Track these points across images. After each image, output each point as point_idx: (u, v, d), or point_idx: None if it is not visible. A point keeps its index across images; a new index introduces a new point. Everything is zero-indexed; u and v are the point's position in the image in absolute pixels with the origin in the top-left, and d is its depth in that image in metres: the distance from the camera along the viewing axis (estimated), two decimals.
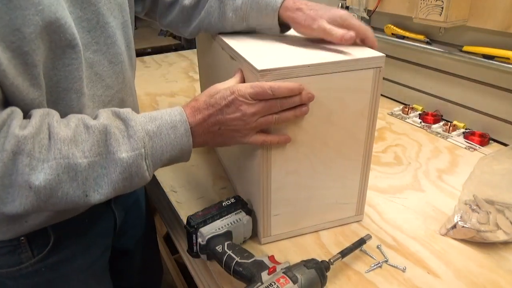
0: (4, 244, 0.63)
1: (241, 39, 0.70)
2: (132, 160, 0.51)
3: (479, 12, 0.95)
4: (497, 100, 1.00)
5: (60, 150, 0.48)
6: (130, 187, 0.53)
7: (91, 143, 0.50)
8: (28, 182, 0.46)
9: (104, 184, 0.50)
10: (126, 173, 0.51)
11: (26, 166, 0.46)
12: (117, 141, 0.50)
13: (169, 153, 0.54)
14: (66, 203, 0.49)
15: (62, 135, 0.48)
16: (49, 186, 0.47)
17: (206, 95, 0.57)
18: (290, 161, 0.62)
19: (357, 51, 0.60)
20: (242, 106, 0.55)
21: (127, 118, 0.53)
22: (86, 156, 0.49)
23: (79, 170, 0.48)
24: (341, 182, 0.69)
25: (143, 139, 0.52)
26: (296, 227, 0.70)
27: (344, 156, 0.66)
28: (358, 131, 0.64)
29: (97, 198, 0.51)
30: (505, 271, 0.62)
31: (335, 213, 0.71)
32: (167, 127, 0.54)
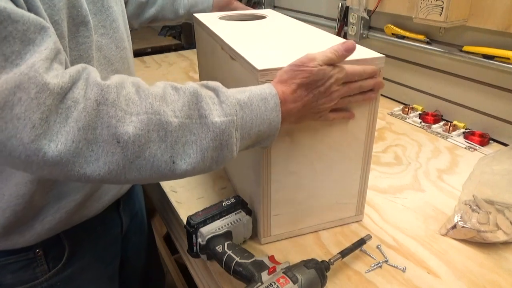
0: (19, 258, 0.61)
1: (240, 38, 0.70)
2: (225, 126, 0.47)
3: (479, 12, 0.95)
4: (497, 100, 1.00)
5: (151, 104, 0.44)
6: (217, 161, 0.48)
7: (181, 104, 0.46)
8: (116, 136, 0.41)
9: (193, 152, 0.46)
10: (217, 141, 0.47)
11: (112, 118, 0.41)
12: (208, 105, 0.46)
13: (258, 127, 0.50)
14: (152, 168, 0.44)
15: (152, 92, 0.45)
16: (137, 142, 0.42)
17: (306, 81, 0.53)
18: (291, 161, 0.63)
19: (357, 52, 0.60)
20: (334, 93, 0.55)
21: (217, 86, 0.49)
22: (177, 116, 0.45)
23: (169, 130, 0.44)
24: (341, 182, 0.69)
25: (235, 107, 0.48)
26: (296, 227, 0.70)
27: (344, 156, 0.66)
28: (358, 131, 0.65)
29: (184, 168, 0.46)
30: (505, 271, 0.62)
31: (335, 213, 0.71)
32: (257, 99, 0.50)
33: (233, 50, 0.65)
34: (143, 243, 0.91)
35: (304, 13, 1.64)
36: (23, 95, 0.38)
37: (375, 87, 0.59)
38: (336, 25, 1.41)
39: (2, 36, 0.38)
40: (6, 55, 0.38)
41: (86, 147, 0.41)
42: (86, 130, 0.40)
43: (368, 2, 1.24)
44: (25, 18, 0.39)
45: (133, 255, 0.86)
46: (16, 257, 0.60)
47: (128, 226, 0.81)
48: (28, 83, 0.38)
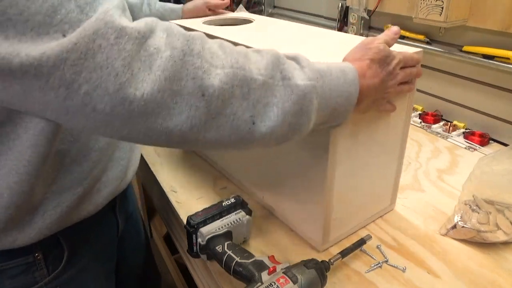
0: (18, 263, 0.59)
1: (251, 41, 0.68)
2: (308, 90, 0.45)
3: (479, 12, 0.95)
4: (497, 100, 1.01)
5: (237, 59, 0.42)
6: (294, 128, 0.46)
7: (265, 63, 0.44)
8: (202, 88, 0.39)
9: (273, 115, 0.44)
10: (299, 104, 0.45)
11: (198, 69, 0.39)
12: (291, 68, 0.45)
13: (336, 98, 0.48)
14: (231, 127, 0.42)
15: (237, 49, 0.44)
16: (221, 96, 0.40)
17: (378, 56, 0.53)
18: (351, 161, 0.62)
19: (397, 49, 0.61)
20: (398, 74, 0.56)
21: (296, 55, 0.48)
22: (262, 74, 0.43)
23: (253, 88, 0.42)
24: (383, 174, 0.71)
25: (316, 73, 0.47)
26: (348, 227, 0.70)
27: (386, 149, 0.68)
28: (397, 123, 0.67)
29: (263, 130, 0.44)
30: (505, 271, 0.62)
31: (376, 205, 0.73)
32: (336, 70, 0.49)
33: None
34: (138, 244, 0.91)
35: (304, 13, 1.64)
36: (102, 42, 0.36)
37: (417, 76, 0.60)
38: (336, 25, 1.41)
39: None
40: (81, 6, 0.37)
41: (171, 99, 0.39)
42: (172, 80, 0.38)
43: (368, 2, 1.24)
44: None
45: (129, 256, 0.86)
46: (15, 262, 0.59)
47: (124, 227, 0.81)
48: (105, 28, 0.37)
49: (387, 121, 0.65)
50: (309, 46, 0.67)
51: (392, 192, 0.75)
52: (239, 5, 1.98)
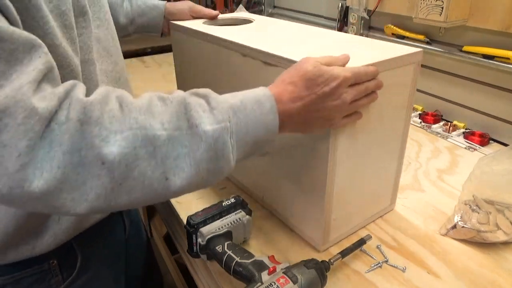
0: (34, 271, 0.59)
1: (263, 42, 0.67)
2: (218, 134, 0.43)
3: (479, 12, 0.95)
4: (497, 100, 1.00)
5: (136, 119, 0.40)
6: (214, 173, 0.45)
7: (169, 115, 0.42)
8: (100, 156, 0.38)
9: (186, 166, 0.42)
10: (211, 151, 0.43)
11: (96, 137, 0.38)
12: (198, 113, 0.43)
13: (254, 132, 0.47)
14: (143, 188, 0.41)
15: (137, 105, 0.42)
16: (124, 161, 0.39)
17: (305, 77, 0.50)
18: (351, 161, 0.62)
19: (392, 50, 0.62)
20: (343, 94, 0.51)
21: (207, 93, 0.46)
22: (165, 128, 0.41)
23: (158, 145, 0.41)
24: (383, 174, 0.71)
25: (228, 112, 0.44)
26: (348, 227, 0.70)
27: (386, 149, 0.68)
28: (398, 123, 0.68)
29: (178, 183, 0.42)
30: (505, 271, 0.62)
31: (376, 205, 0.73)
32: (251, 102, 0.47)
33: (270, 55, 0.61)
34: (140, 245, 0.91)
35: (304, 13, 1.64)
36: (9, 121, 0.35)
37: (377, 88, 0.57)
38: (336, 25, 1.41)
39: None
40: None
41: (73, 171, 0.37)
42: (71, 153, 0.37)
43: (368, 2, 1.24)
44: (15, 36, 0.37)
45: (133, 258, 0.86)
46: (31, 270, 0.59)
47: (129, 230, 0.81)
48: (15, 107, 0.35)
49: (387, 121, 0.65)
50: (309, 46, 0.67)
51: (392, 192, 0.75)
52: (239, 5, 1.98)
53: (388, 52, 0.61)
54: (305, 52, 0.61)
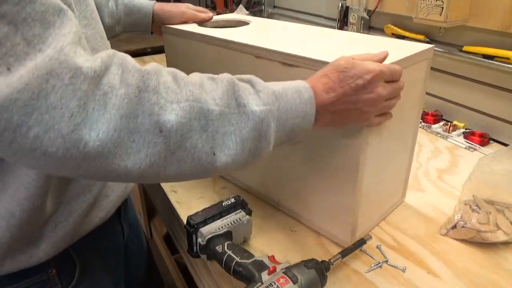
0: (31, 282, 0.58)
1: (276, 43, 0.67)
2: (264, 115, 0.45)
3: (479, 12, 0.95)
4: (497, 100, 1.01)
5: (192, 92, 0.42)
6: (255, 154, 0.46)
7: (220, 92, 0.44)
8: (159, 124, 0.39)
9: (232, 143, 0.44)
10: (256, 130, 0.45)
11: (154, 105, 0.39)
12: (246, 94, 0.45)
13: (292, 119, 0.48)
14: (192, 160, 0.42)
15: (191, 79, 0.43)
16: (180, 131, 0.40)
17: (338, 70, 0.51)
18: (376, 157, 0.63)
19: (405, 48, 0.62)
20: (378, 88, 0.51)
21: (251, 78, 0.48)
22: (218, 104, 0.43)
23: (211, 119, 0.42)
24: (398, 168, 0.72)
25: (271, 96, 0.47)
26: (371, 222, 0.71)
27: (402, 143, 0.70)
28: (412, 118, 0.69)
29: (224, 159, 0.43)
30: (505, 271, 0.62)
31: (390, 199, 0.74)
32: (292, 90, 0.49)
33: (290, 55, 0.61)
34: (140, 249, 0.91)
35: (304, 13, 1.64)
36: (56, 82, 0.35)
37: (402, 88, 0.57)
38: (336, 25, 1.41)
39: (21, 17, 0.35)
40: (28, 39, 0.35)
41: (128, 137, 0.38)
42: (128, 118, 0.37)
43: (368, 2, 1.24)
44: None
45: (133, 262, 0.86)
46: (30, 281, 0.58)
47: (128, 234, 0.81)
48: (60, 68, 0.35)
49: (405, 116, 0.67)
50: (324, 45, 0.67)
51: (404, 185, 0.77)
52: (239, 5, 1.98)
53: (405, 50, 0.62)
54: (323, 51, 0.62)
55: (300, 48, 0.63)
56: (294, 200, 0.74)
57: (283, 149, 0.70)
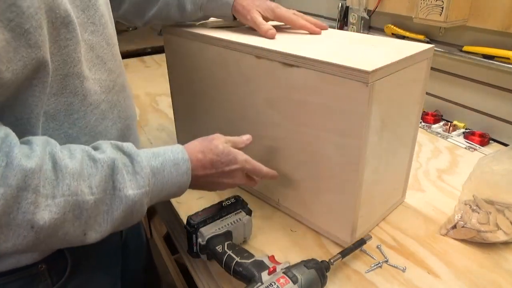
0: (21, 276, 0.58)
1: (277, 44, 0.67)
2: (138, 198, 0.49)
3: (479, 12, 0.95)
4: (497, 100, 1.00)
5: (69, 186, 0.43)
6: (126, 224, 0.51)
7: (99, 179, 0.46)
8: (31, 222, 0.41)
9: (104, 222, 0.47)
10: (128, 210, 0.49)
11: (31, 204, 0.40)
12: (123, 177, 0.48)
13: (167, 190, 0.54)
14: (62, 243, 0.46)
15: (71, 169, 0.44)
16: (53, 225, 0.42)
17: (214, 153, 0.59)
18: (376, 157, 0.63)
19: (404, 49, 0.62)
20: (237, 177, 0.62)
21: (132, 152, 0.51)
22: (93, 193, 0.46)
23: (85, 208, 0.45)
24: (398, 167, 0.72)
25: (148, 176, 0.50)
26: (371, 222, 0.71)
27: (402, 142, 0.70)
28: (413, 117, 0.70)
29: (93, 237, 0.47)
30: (505, 271, 0.62)
31: (390, 199, 0.74)
32: (170, 164, 0.53)
33: (291, 55, 0.61)
34: (140, 248, 0.90)
35: (304, 13, 1.63)
36: None
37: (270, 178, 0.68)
38: (336, 25, 1.41)
39: None
40: None
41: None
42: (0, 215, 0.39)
43: (368, 2, 1.24)
44: None
45: (132, 261, 0.86)
46: (19, 274, 0.58)
47: (126, 233, 0.80)
48: None
49: (405, 115, 0.67)
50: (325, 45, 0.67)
51: (404, 185, 0.77)
52: None
53: (405, 50, 0.62)
54: (324, 51, 0.62)
55: (300, 48, 0.63)
56: (294, 200, 0.73)
57: (283, 150, 0.71)
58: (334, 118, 0.59)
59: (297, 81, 0.62)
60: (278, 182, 0.75)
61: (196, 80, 0.85)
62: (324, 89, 0.59)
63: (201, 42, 0.78)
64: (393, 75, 0.58)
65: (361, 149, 0.58)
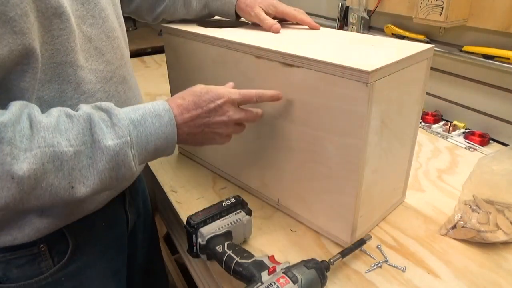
0: (23, 254, 0.61)
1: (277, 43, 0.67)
2: (119, 148, 0.50)
3: (479, 12, 0.95)
4: (497, 100, 1.01)
5: (44, 138, 0.46)
6: (117, 179, 0.52)
7: (76, 132, 0.48)
8: (11, 173, 0.43)
9: (90, 175, 0.49)
10: (112, 162, 0.50)
11: (7, 155, 0.43)
12: (101, 130, 0.49)
13: (154, 142, 0.53)
14: (50, 196, 0.47)
15: (45, 123, 0.46)
16: (33, 176, 0.44)
17: (194, 95, 0.58)
18: (376, 156, 0.63)
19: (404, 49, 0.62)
20: (229, 112, 0.59)
21: (110, 108, 0.51)
22: (72, 144, 0.47)
23: (65, 160, 0.46)
24: (398, 167, 0.72)
25: (128, 127, 0.51)
26: (371, 222, 0.71)
27: (402, 142, 0.70)
28: (413, 116, 0.69)
29: (83, 190, 0.49)
30: (505, 271, 0.62)
31: (391, 199, 0.74)
32: (151, 116, 0.53)
33: (291, 55, 0.61)
34: (149, 240, 0.91)
35: None
36: None
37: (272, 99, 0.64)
38: (336, 25, 1.41)
39: None
40: None
41: None
42: None
43: (368, 2, 1.24)
44: None
45: (139, 252, 0.86)
46: (20, 252, 0.61)
47: (135, 223, 0.81)
48: None
49: (405, 115, 0.67)
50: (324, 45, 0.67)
51: (404, 184, 0.77)
52: None
53: (405, 50, 0.62)
54: (323, 51, 0.62)
55: (300, 48, 0.63)
56: (294, 200, 0.73)
57: (283, 150, 0.71)
58: (334, 118, 0.59)
59: (297, 81, 0.62)
60: (278, 182, 0.75)
61: (196, 80, 0.84)
62: (324, 89, 0.59)
63: (201, 42, 0.78)
64: (393, 75, 0.58)
65: (361, 149, 0.58)
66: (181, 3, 0.82)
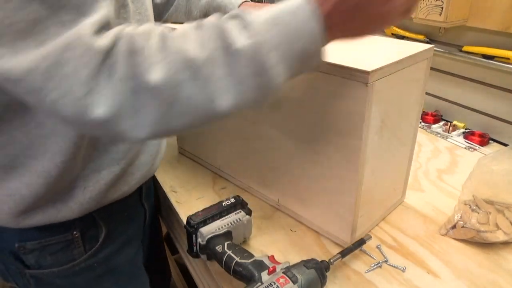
0: (58, 240, 0.63)
1: None
2: (254, 48, 0.43)
3: (479, 12, 0.95)
4: (497, 100, 1.01)
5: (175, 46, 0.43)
6: (262, 88, 0.44)
7: (206, 38, 0.43)
8: (145, 84, 0.41)
9: (230, 85, 0.43)
10: (251, 66, 0.43)
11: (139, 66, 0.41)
12: (233, 32, 0.43)
13: (298, 42, 0.44)
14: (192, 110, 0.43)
15: (175, 34, 0.44)
16: (169, 85, 0.41)
17: None
18: (376, 156, 0.63)
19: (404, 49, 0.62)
20: None
21: (239, 12, 0.45)
22: (204, 49, 0.43)
23: (198, 66, 0.42)
24: (398, 166, 0.72)
25: (263, 26, 0.43)
26: (370, 222, 0.71)
27: (402, 142, 0.70)
28: (413, 116, 0.69)
29: (226, 104, 0.43)
30: (505, 271, 0.62)
31: (392, 198, 0.74)
32: (287, 12, 0.44)
33: None
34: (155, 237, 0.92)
35: None
36: (71, 55, 0.39)
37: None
38: None
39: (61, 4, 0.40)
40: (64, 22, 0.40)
41: (128, 99, 0.41)
42: (124, 81, 0.40)
43: None
44: None
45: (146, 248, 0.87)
46: (56, 239, 0.63)
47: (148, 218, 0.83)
48: (75, 43, 0.40)
49: (405, 114, 0.67)
50: None
51: (404, 184, 0.77)
52: None
53: (405, 50, 0.62)
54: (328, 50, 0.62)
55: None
56: (294, 200, 0.73)
57: (283, 150, 0.71)
58: (334, 118, 0.59)
59: (297, 81, 0.62)
60: (278, 182, 0.75)
61: None
62: (324, 89, 0.59)
63: None
64: (393, 75, 0.58)
65: (361, 149, 0.58)
66: (182, 12, 0.86)
